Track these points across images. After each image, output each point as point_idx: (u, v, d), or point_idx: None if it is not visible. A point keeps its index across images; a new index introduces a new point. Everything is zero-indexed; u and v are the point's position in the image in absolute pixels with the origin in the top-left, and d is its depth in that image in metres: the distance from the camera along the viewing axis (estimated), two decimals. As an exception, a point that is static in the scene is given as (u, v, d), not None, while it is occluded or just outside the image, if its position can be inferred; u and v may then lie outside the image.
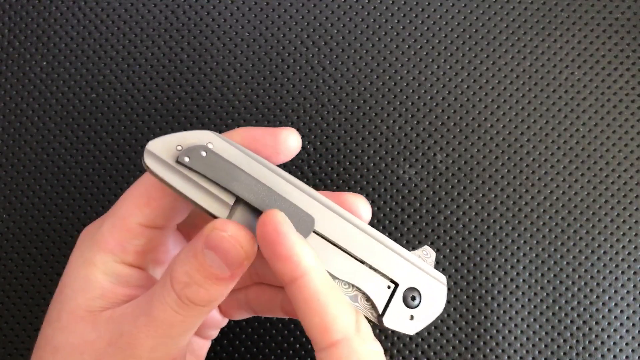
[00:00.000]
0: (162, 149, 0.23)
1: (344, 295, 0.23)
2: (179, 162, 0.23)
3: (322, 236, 0.24)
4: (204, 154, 0.23)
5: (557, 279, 0.34)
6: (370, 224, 0.25)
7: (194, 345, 0.29)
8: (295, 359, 0.34)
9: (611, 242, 0.34)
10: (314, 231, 0.24)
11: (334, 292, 0.22)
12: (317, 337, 0.21)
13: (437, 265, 0.34)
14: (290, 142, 0.24)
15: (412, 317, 0.24)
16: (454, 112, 0.35)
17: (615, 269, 0.34)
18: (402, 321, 0.24)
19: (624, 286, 0.34)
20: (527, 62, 0.35)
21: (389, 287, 0.24)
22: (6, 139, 0.35)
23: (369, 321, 0.24)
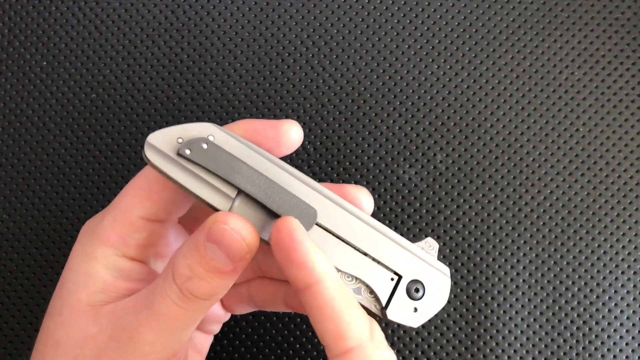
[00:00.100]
0: (162, 141, 0.22)
1: (357, 302, 0.23)
2: (180, 155, 0.22)
3: (324, 228, 0.23)
4: (205, 146, 0.22)
5: (557, 279, 0.34)
6: None
7: (196, 340, 0.29)
8: (295, 358, 0.34)
9: (611, 242, 0.34)
10: (317, 223, 0.23)
11: (348, 299, 0.22)
12: (331, 344, 0.21)
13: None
14: (292, 134, 0.24)
15: (416, 309, 0.24)
16: (454, 112, 0.35)
17: (615, 269, 0.34)
18: (405, 313, 0.24)
19: (624, 286, 0.34)
20: (527, 62, 0.35)
21: (392, 279, 0.24)
22: (6, 139, 0.35)
23: (372, 314, 0.24)
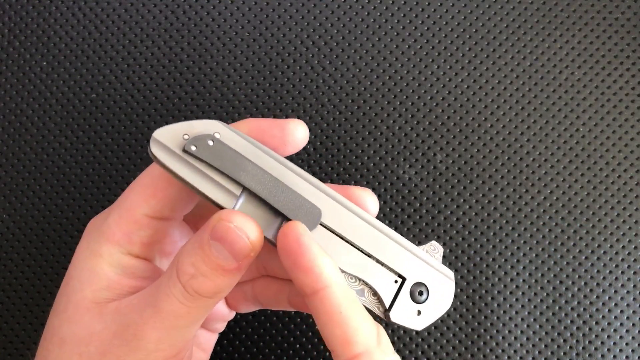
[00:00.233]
0: (168, 137, 0.22)
1: (364, 307, 0.22)
2: (186, 151, 0.22)
3: (329, 229, 0.23)
4: (211, 143, 0.22)
5: (557, 279, 0.34)
6: None
7: (200, 338, 0.29)
8: (295, 358, 0.34)
9: (611, 242, 0.34)
10: (321, 223, 0.23)
11: (355, 304, 0.22)
12: (338, 349, 0.21)
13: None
14: (297, 133, 0.24)
15: (420, 312, 0.24)
16: (454, 112, 0.35)
17: (615, 269, 0.34)
18: (409, 316, 0.24)
19: (624, 286, 0.34)
20: (527, 62, 0.35)
21: (396, 281, 0.24)
22: (6, 139, 0.35)
23: (375, 316, 0.24)
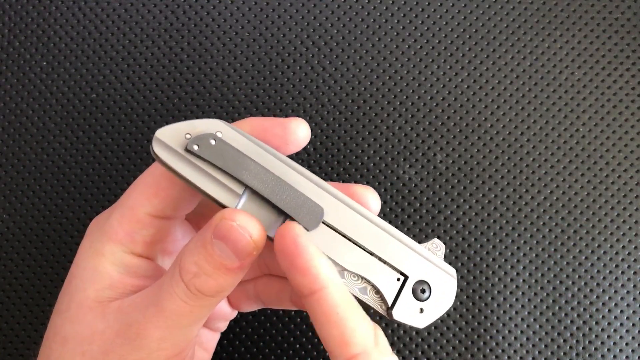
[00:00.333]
0: (170, 136, 0.22)
1: (361, 308, 0.22)
2: (188, 150, 0.22)
3: (331, 227, 0.23)
4: (213, 142, 0.22)
5: (557, 279, 0.34)
6: None
7: (202, 337, 0.29)
8: (295, 358, 0.34)
9: (611, 242, 0.34)
10: (323, 222, 0.23)
11: (352, 305, 0.22)
12: (335, 350, 0.21)
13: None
14: (299, 132, 0.24)
15: (422, 310, 0.24)
16: (454, 112, 0.35)
17: (615, 269, 0.34)
18: (411, 314, 0.24)
19: (624, 286, 0.34)
20: (527, 62, 0.35)
21: (398, 279, 0.24)
22: (6, 139, 0.35)
23: (378, 314, 0.24)
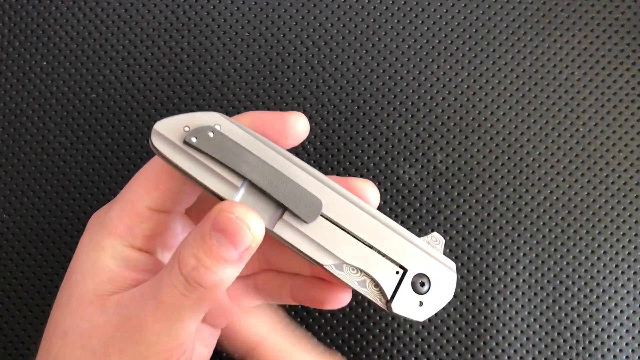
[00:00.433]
0: (169, 129, 0.22)
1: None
2: (186, 143, 0.22)
3: (330, 220, 0.23)
4: (211, 134, 0.22)
5: (557, 279, 0.34)
6: None
7: (203, 333, 0.29)
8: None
9: (611, 242, 0.34)
10: (322, 214, 0.23)
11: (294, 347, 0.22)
12: None
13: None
14: (298, 126, 0.24)
15: (421, 303, 0.24)
16: (454, 112, 0.35)
17: (615, 269, 0.34)
18: (410, 307, 0.23)
19: (624, 286, 0.34)
20: (527, 62, 0.35)
21: (397, 272, 0.24)
22: (6, 139, 0.35)
23: (377, 307, 0.24)
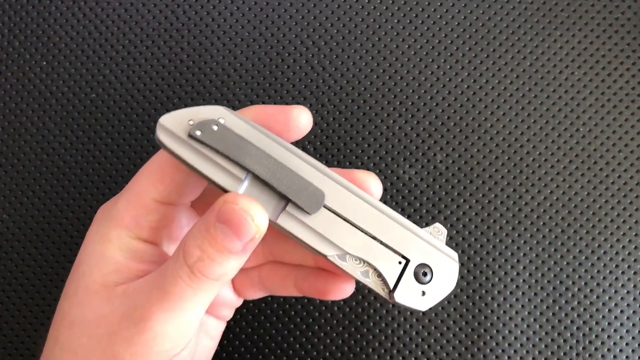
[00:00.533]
0: (174, 123, 0.23)
1: None
2: (191, 136, 0.23)
3: (332, 211, 0.24)
4: (215, 128, 0.23)
5: (557, 279, 0.34)
6: None
7: (208, 325, 0.29)
8: (295, 358, 0.34)
9: (611, 242, 0.34)
10: (325, 206, 0.23)
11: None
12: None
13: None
14: (301, 119, 0.24)
15: (424, 293, 0.24)
16: (454, 112, 0.35)
17: (615, 269, 0.34)
18: (413, 297, 0.24)
19: (624, 286, 0.34)
20: (527, 62, 0.35)
21: (400, 262, 0.24)
22: (6, 139, 0.35)
23: (380, 297, 0.24)
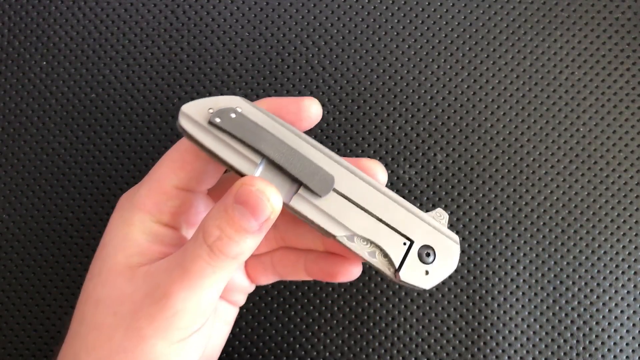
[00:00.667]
0: (195, 111, 0.24)
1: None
2: (211, 123, 0.24)
3: (342, 195, 0.25)
4: (233, 115, 0.24)
5: (557, 279, 0.34)
6: None
7: (222, 310, 0.30)
8: (295, 358, 0.34)
9: (611, 242, 0.34)
10: (334, 189, 0.25)
11: None
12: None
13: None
14: (312, 109, 0.26)
15: (427, 272, 0.25)
16: (454, 112, 0.35)
17: (615, 269, 0.34)
18: (417, 276, 0.25)
19: (624, 286, 0.33)
20: (527, 62, 0.35)
21: (404, 244, 0.25)
22: (6, 139, 0.35)
23: (386, 276, 0.25)
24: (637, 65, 0.35)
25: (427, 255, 0.25)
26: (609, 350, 0.33)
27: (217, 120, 0.24)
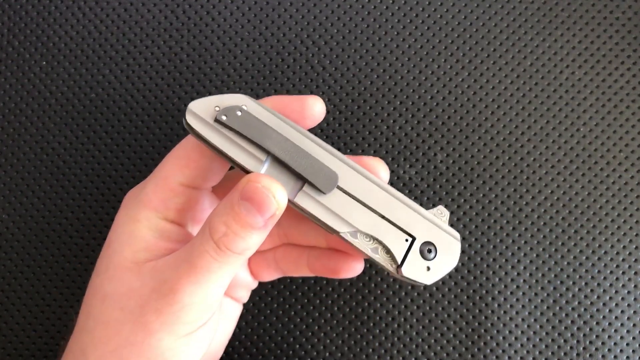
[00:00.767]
0: (202, 108, 0.25)
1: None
2: (217, 121, 0.25)
3: (345, 192, 0.25)
4: (239, 113, 0.25)
5: (557, 279, 0.34)
6: None
7: (226, 307, 0.30)
8: (295, 358, 0.34)
9: (612, 242, 0.34)
10: (338, 187, 0.25)
11: None
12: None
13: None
14: (315, 108, 0.26)
15: (429, 268, 0.26)
16: (454, 111, 0.35)
17: (616, 269, 0.34)
18: (419, 271, 0.25)
19: (624, 286, 0.33)
20: (527, 61, 0.35)
21: (406, 240, 0.26)
22: (6, 139, 0.35)
23: (388, 272, 0.26)
24: (638, 65, 0.35)
25: (429, 251, 0.26)
26: (609, 350, 0.33)
27: (224, 118, 0.25)
